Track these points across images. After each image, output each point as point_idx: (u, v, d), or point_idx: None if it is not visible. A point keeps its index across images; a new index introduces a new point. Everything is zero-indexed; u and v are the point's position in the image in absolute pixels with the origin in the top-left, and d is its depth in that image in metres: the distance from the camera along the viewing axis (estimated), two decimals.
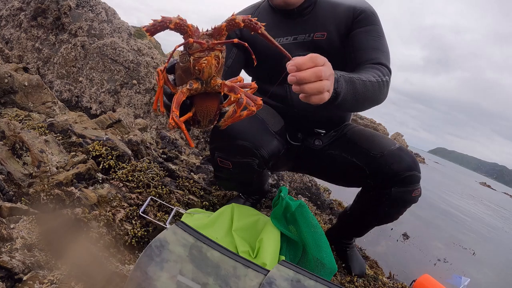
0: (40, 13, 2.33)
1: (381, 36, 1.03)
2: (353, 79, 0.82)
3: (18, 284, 0.70)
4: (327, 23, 1.03)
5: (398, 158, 1.01)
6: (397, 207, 1.07)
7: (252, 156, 0.95)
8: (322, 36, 1.03)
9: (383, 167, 1.01)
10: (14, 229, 0.84)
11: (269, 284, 0.74)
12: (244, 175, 1.03)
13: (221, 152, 0.97)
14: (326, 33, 1.03)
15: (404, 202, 1.05)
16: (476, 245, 3.12)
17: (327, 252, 1.00)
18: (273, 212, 1.08)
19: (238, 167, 0.98)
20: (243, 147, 0.93)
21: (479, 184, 16.61)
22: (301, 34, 1.04)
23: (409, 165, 1.01)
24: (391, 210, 1.08)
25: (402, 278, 1.65)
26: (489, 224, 4.74)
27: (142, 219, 1.06)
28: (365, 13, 1.03)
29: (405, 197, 1.03)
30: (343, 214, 1.33)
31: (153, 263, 0.70)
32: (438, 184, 8.37)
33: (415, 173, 1.01)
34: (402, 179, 1.00)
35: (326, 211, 2.09)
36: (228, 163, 0.98)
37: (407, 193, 1.02)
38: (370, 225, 1.22)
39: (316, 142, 1.17)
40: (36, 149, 1.09)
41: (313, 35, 1.03)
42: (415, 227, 2.83)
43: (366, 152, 1.06)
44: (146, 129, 1.98)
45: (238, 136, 0.94)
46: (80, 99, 2.15)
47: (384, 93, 0.95)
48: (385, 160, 1.02)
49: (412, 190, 1.02)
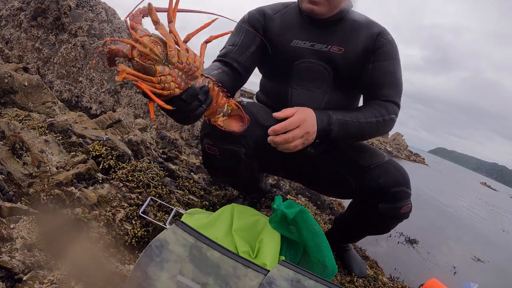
0: (40, 13, 2.33)
1: (397, 70, 1.04)
2: (347, 122, 0.95)
3: (18, 284, 0.70)
4: (347, 40, 1.03)
5: (385, 172, 1.00)
6: (386, 222, 1.06)
7: (238, 143, 0.97)
8: (339, 51, 1.03)
9: (370, 181, 1.00)
10: (14, 229, 0.84)
11: (269, 284, 0.73)
12: (231, 163, 1.03)
13: (209, 139, 0.99)
14: (344, 49, 1.03)
15: (393, 219, 1.04)
16: (481, 248, 3.11)
17: (328, 253, 1.00)
18: (270, 219, 1.07)
19: (225, 154, 1.00)
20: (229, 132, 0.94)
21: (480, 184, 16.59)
22: (319, 43, 1.04)
23: (396, 180, 0.99)
24: (380, 224, 1.08)
25: (402, 279, 1.65)
26: (492, 226, 4.73)
27: (142, 219, 1.06)
28: (385, 47, 1.03)
29: (393, 214, 1.01)
30: (337, 219, 1.33)
31: (153, 263, 0.70)
32: (439, 184, 8.37)
33: (403, 188, 0.99)
34: (389, 195, 0.98)
35: (326, 211, 2.09)
36: (215, 149, 1.00)
37: (395, 209, 1.00)
38: (362, 234, 1.23)
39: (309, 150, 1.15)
40: (36, 149, 1.09)
41: (330, 48, 1.03)
42: (415, 228, 2.83)
43: (354, 163, 1.06)
44: (146, 129, 1.98)
45: None
46: (80, 99, 2.15)
47: (385, 130, 1.02)
48: (373, 174, 1.00)
49: (401, 206, 1.00)
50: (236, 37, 1.06)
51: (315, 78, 1.06)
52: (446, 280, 1.74)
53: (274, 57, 1.08)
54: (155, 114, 2.16)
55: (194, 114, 0.68)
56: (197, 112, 0.68)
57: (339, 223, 1.30)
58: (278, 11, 1.09)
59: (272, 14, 1.08)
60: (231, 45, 1.04)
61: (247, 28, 1.06)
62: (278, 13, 1.09)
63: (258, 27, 1.07)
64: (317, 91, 1.07)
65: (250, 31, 1.05)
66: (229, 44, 1.05)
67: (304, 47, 1.04)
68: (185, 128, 2.20)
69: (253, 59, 1.06)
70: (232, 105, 0.81)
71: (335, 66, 1.04)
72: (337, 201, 2.35)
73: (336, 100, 1.08)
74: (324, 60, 1.04)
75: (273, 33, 1.07)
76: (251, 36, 1.05)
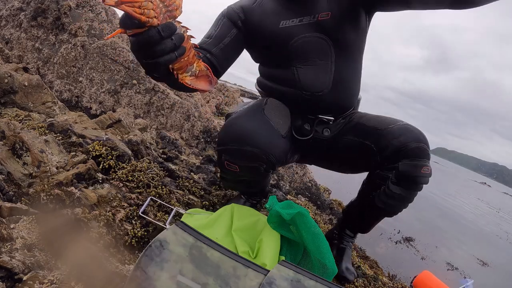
0: (40, 13, 2.33)
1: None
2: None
3: (18, 284, 0.70)
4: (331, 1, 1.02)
5: (405, 130, 1.00)
6: (404, 185, 1.00)
7: (261, 161, 0.95)
8: (327, 16, 1.02)
9: (390, 140, 1.00)
10: (14, 229, 0.84)
11: (269, 284, 0.73)
12: (251, 177, 1.04)
13: (229, 156, 0.97)
14: (330, 12, 1.01)
15: (413, 178, 0.98)
16: (479, 247, 3.11)
17: (328, 254, 1.00)
18: (268, 219, 1.07)
19: (245, 171, 0.99)
20: (252, 153, 0.93)
21: (479, 184, 16.56)
22: (306, 15, 1.03)
23: (417, 137, 0.99)
24: (398, 189, 1.01)
25: (402, 279, 1.65)
26: (492, 226, 4.72)
27: (142, 219, 1.06)
28: None
29: (413, 172, 0.97)
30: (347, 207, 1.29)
31: (153, 263, 0.70)
32: (439, 184, 8.36)
33: (423, 145, 0.98)
34: (410, 150, 0.97)
35: (326, 211, 2.09)
36: (235, 167, 0.99)
37: (415, 167, 0.96)
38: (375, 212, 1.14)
39: (325, 133, 1.16)
40: (36, 149, 1.09)
41: (318, 16, 1.02)
42: (416, 229, 2.83)
43: (373, 129, 1.06)
44: (146, 129, 1.98)
45: (247, 141, 0.93)
46: (80, 99, 2.15)
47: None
48: (392, 134, 1.01)
49: (421, 165, 0.97)
50: (212, 30, 1.06)
51: (315, 51, 1.05)
52: (446, 279, 1.74)
53: (266, 44, 1.08)
54: (154, 114, 2.15)
55: (163, 59, 0.62)
56: (167, 57, 0.62)
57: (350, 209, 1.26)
58: (255, 0, 1.09)
59: (250, 5, 1.08)
60: (207, 38, 1.04)
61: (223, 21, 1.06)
62: (255, 3, 1.09)
63: (236, 19, 1.06)
64: (322, 64, 1.06)
65: (227, 24, 1.06)
66: (205, 37, 1.05)
67: (293, 25, 1.04)
68: (185, 128, 2.20)
69: (227, 51, 1.04)
70: (201, 66, 0.78)
71: (329, 33, 1.03)
72: (337, 201, 2.35)
73: (342, 67, 1.08)
74: (317, 31, 1.03)
75: (257, 22, 1.06)
76: (227, 29, 1.05)
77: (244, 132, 0.95)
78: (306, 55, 1.06)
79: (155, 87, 2.20)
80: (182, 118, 2.20)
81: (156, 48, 0.60)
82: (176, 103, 2.20)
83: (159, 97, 2.19)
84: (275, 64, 1.13)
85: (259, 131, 0.95)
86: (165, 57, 0.62)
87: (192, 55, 0.73)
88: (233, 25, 1.06)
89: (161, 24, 0.60)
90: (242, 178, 1.05)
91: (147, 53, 0.62)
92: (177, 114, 2.20)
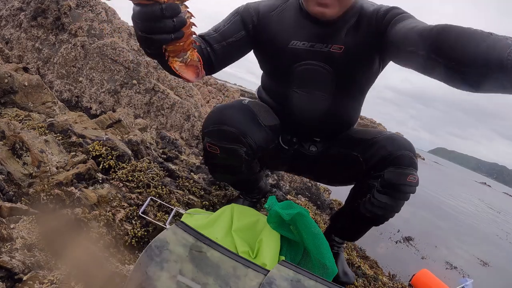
0: (40, 13, 2.33)
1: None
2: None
3: (18, 284, 0.70)
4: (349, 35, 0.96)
5: (392, 139, 1.00)
6: (390, 193, 0.97)
7: (239, 142, 0.96)
8: (339, 50, 0.97)
9: (376, 149, 1.00)
10: (14, 229, 0.84)
11: (269, 284, 0.73)
12: (232, 162, 1.02)
13: (210, 137, 0.98)
14: (344, 47, 0.96)
15: (398, 187, 0.95)
16: (480, 247, 3.11)
17: (328, 254, 1.00)
18: (268, 219, 1.07)
19: (225, 153, 0.99)
20: (230, 132, 0.94)
21: (479, 184, 16.58)
22: (319, 42, 0.98)
23: (403, 145, 0.98)
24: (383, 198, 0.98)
25: (402, 279, 1.65)
26: (492, 226, 4.72)
27: (142, 219, 1.06)
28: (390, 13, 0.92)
29: (398, 180, 0.94)
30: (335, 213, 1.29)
31: (153, 263, 0.70)
32: (439, 184, 8.36)
33: (409, 153, 0.97)
34: (395, 158, 0.96)
35: (326, 211, 2.09)
36: (216, 148, 0.99)
37: (401, 175, 0.94)
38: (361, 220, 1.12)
39: (311, 149, 1.16)
40: (36, 149, 1.09)
41: (331, 47, 0.97)
42: (416, 228, 2.82)
43: (359, 140, 1.07)
44: (146, 129, 1.98)
45: (225, 122, 0.95)
46: (80, 99, 2.15)
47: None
48: (379, 143, 1.01)
49: (407, 173, 0.94)
50: (221, 24, 1.02)
51: (316, 80, 1.02)
52: (445, 278, 1.74)
53: (272, 58, 1.06)
54: (154, 114, 2.15)
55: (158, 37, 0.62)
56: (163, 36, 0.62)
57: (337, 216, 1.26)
58: (276, 7, 1.05)
59: (268, 12, 1.03)
60: (214, 31, 1.00)
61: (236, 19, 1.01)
62: (275, 10, 1.03)
63: (248, 22, 1.02)
64: (319, 94, 1.04)
65: (238, 23, 1.01)
66: (213, 29, 1.01)
67: (302, 48, 0.99)
68: (185, 128, 2.20)
69: (228, 50, 1.01)
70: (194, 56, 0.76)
71: (336, 66, 0.99)
72: (337, 201, 2.35)
73: (339, 103, 1.06)
74: (324, 61, 0.99)
75: (270, 33, 1.02)
76: (235, 28, 1.01)
77: (223, 114, 0.96)
78: (306, 82, 1.04)
79: (155, 87, 2.20)
80: (182, 118, 2.20)
81: (155, 24, 0.60)
82: (176, 103, 2.20)
83: (159, 97, 2.19)
84: (275, 79, 1.11)
85: (237, 115, 0.97)
86: (161, 36, 0.62)
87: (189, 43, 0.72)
88: (243, 27, 1.02)
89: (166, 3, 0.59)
90: (223, 162, 1.04)
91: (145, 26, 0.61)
92: (177, 114, 2.20)
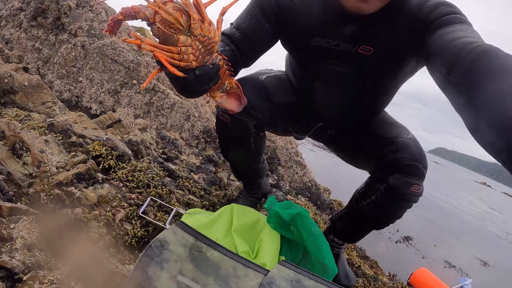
0: (40, 13, 2.33)
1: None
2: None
3: (18, 284, 0.70)
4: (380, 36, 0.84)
5: (405, 146, 0.97)
6: (392, 199, 0.97)
7: (248, 115, 1.00)
8: (368, 52, 0.86)
9: (388, 151, 0.98)
10: (14, 229, 0.84)
11: (269, 284, 0.73)
12: (241, 133, 1.06)
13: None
14: (373, 49, 0.85)
15: (401, 195, 0.95)
16: (480, 247, 3.11)
17: (328, 254, 1.00)
18: (268, 219, 1.08)
19: (235, 124, 1.03)
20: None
21: (480, 184, 16.59)
22: (345, 42, 0.87)
23: (413, 155, 0.94)
24: (385, 202, 0.99)
25: (401, 279, 1.65)
26: (492, 226, 4.72)
27: (142, 219, 1.06)
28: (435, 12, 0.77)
29: (402, 188, 0.94)
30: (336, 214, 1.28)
31: (153, 263, 0.70)
32: (439, 184, 8.36)
33: (418, 164, 0.94)
34: (403, 166, 0.94)
35: (326, 211, 2.09)
36: (227, 117, 1.03)
37: (405, 184, 0.94)
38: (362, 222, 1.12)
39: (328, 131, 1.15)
40: (36, 149, 1.09)
41: (359, 47, 0.86)
42: (416, 229, 2.83)
43: (378, 136, 1.05)
44: (146, 129, 1.98)
45: None
46: (80, 99, 2.15)
47: None
48: (392, 145, 0.98)
49: (412, 183, 0.93)
50: (241, 21, 0.96)
51: (339, 81, 0.96)
52: (445, 278, 1.74)
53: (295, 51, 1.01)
54: (154, 114, 2.15)
55: (199, 90, 0.67)
56: (202, 88, 0.67)
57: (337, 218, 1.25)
58: None
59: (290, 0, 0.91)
60: (236, 29, 0.95)
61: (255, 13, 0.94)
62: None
63: (269, 12, 0.93)
64: (343, 92, 0.99)
65: (259, 17, 0.94)
66: (235, 26, 0.96)
67: (327, 46, 0.89)
68: (185, 128, 2.20)
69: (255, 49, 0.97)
70: (232, 83, 0.79)
71: (363, 69, 0.90)
72: (337, 201, 2.35)
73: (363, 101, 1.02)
74: (351, 63, 0.90)
75: (291, 25, 0.92)
76: (258, 24, 0.94)
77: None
78: (329, 81, 0.98)
79: (155, 87, 2.20)
80: (182, 118, 2.20)
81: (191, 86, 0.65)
82: (176, 103, 2.20)
83: (159, 97, 2.19)
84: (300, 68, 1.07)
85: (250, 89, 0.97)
86: (200, 90, 0.67)
87: (226, 76, 0.76)
88: (265, 20, 0.93)
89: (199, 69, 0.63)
90: (233, 133, 1.08)
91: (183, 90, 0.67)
92: (177, 114, 2.20)
